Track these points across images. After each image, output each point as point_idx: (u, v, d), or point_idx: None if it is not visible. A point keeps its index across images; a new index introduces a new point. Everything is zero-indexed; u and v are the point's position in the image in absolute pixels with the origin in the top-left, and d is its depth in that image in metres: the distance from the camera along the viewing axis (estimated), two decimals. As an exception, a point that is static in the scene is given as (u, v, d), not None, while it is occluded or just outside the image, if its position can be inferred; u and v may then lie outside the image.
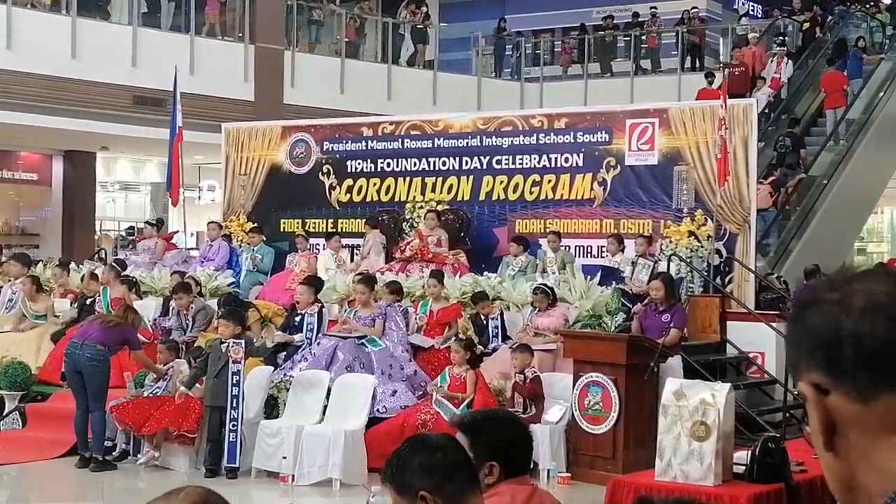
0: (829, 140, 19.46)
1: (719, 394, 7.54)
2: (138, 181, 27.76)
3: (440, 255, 13.95)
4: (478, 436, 3.46)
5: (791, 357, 1.49)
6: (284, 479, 10.37)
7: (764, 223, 16.51)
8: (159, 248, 15.99)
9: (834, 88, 19.95)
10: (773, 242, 17.42)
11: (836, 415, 1.41)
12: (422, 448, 3.00)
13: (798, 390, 1.46)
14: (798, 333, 1.46)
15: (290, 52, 22.48)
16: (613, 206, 14.17)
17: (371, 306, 12.09)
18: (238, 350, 10.66)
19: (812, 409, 1.44)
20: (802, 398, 1.47)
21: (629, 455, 10.12)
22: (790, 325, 1.50)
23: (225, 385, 10.62)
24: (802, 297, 1.51)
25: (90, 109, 19.80)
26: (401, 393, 11.18)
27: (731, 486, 7.42)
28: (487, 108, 21.48)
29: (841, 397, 1.40)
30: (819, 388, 1.42)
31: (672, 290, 11.71)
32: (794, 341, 1.47)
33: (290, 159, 16.53)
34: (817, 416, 1.42)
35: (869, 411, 1.38)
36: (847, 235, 20.69)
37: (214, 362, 10.75)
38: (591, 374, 10.45)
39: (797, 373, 1.47)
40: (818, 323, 1.42)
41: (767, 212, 16.77)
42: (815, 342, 1.42)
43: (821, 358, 1.41)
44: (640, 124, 14.07)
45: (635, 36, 25.73)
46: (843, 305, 1.41)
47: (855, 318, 1.39)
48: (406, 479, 2.94)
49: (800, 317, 1.46)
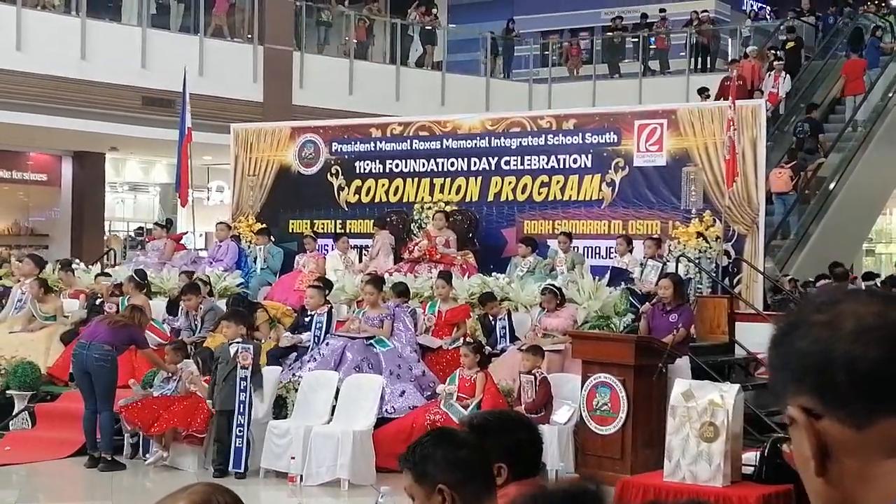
0: (848, 126, 19.79)
1: (728, 395, 7.55)
2: (147, 182, 27.82)
3: (448, 255, 13.95)
4: (486, 437, 3.47)
5: (775, 380, 1.44)
6: (293, 479, 10.36)
7: (784, 206, 17.22)
8: (168, 249, 16.02)
9: (855, 76, 20.27)
10: (794, 223, 17.74)
11: (829, 439, 1.36)
12: (448, 442, 3.00)
13: (787, 414, 1.41)
14: (784, 356, 1.41)
15: (299, 54, 22.51)
16: (622, 207, 14.17)
17: (379, 307, 12.10)
18: (246, 356, 10.69)
19: (801, 434, 1.39)
20: (788, 421, 1.43)
21: (637, 456, 10.11)
22: (773, 348, 1.45)
23: (233, 390, 10.65)
24: (783, 319, 1.46)
25: (99, 110, 19.85)
26: (409, 393, 11.18)
27: (740, 486, 7.43)
28: (496, 109, 21.49)
29: (834, 422, 1.36)
30: (809, 413, 1.38)
31: (680, 291, 11.70)
32: (778, 364, 1.43)
33: (299, 160, 16.55)
34: (808, 442, 1.38)
35: (864, 436, 1.34)
36: (855, 237, 20.68)
37: (223, 367, 10.77)
38: (600, 374, 10.44)
39: (782, 396, 1.42)
40: (806, 346, 1.38)
41: (788, 195, 17.33)
42: (804, 366, 1.38)
43: (811, 383, 1.37)
44: (648, 125, 14.06)
45: (644, 37, 25.73)
46: (833, 328, 1.37)
47: (846, 342, 1.35)
48: (428, 469, 2.95)
49: (785, 339, 1.42)
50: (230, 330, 10.93)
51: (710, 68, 24.66)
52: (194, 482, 5.17)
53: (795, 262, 16.89)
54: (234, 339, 10.83)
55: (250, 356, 10.69)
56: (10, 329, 13.55)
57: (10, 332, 13.46)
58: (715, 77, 22.35)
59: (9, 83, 18.98)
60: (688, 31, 25.39)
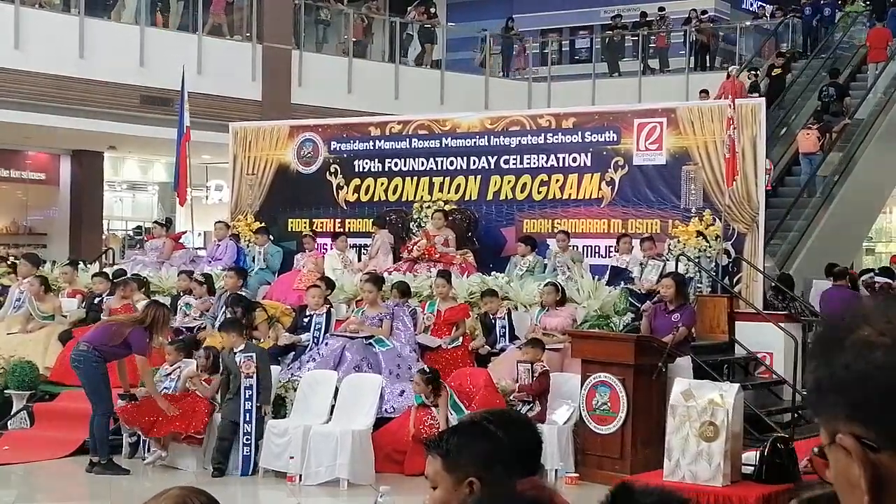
0: (869, 93, 20.39)
1: (728, 394, 7.53)
2: (146, 181, 27.79)
3: (448, 254, 13.93)
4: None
5: (820, 398, 1.31)
6: (292, 478, 10.36)
7: (811, 166, 18.34)
8: (167, 248, 16.00)
9: (879, 45, 20.94)
10: (819, 183, 18.35)
11: (885, 472, 1.26)
12: (486, 436, 2.93)
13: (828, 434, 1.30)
14: (837, 377, 1.29)
15: (298, 52, 22.47)
16: (621, 206, 14.14)
17: (379, 306, 12.08)
18: (249, 364, 10.69)
19: (849, 461, 1.28)
20: (827, 441, 1.32)
21: (637, 455, 10.10)
22: (822, 363, 1.32)
23: (240, 400, 10.69)
24: (833, 329, 1.33)
25: (98, 109, 19.82)
26: (408, 393, 11.15)
27: (740, 486, 7.41)
28: (495, 107, 21.46)
29: (893, 458, 1.25)
30: (864, 443, 1.27)
31: (682, 290, 11.68)
32: (828, 384, 1.30)
33: (298, 159, 16.52)
34: (862, 474, 1.27)
35: None
36: (856, 235, 20.66)
37: (234, 380, 10.75)
38: (599, 374, 10.43)
39: (828, 418, 1.31)
40: (865, 371, 1.25)
41: (815, 156, 18.39)
42: (865, 395, 1.25)
43: (872, 414, 1.25)
44: (648, 124, 14.03)
45: (643, 35, 25.70)
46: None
47: None
48: (462, 460, 2.89)
49: (836, 355, 1.29)
50: (228, 339, 10.92)
51: (709, 67, 24.64)
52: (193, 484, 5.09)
53: (795, 261, 16.86)
54: (233, 347, 10.82)
55: (253, 364, 10.69)
56: (9, 329, 13.51)
57: (8, 332, 13.43)
58: (715, 76, 22.34)
59: (7, 81, 18.96)
60: (687, 29, 25.36)
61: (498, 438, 2.96)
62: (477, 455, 2.89)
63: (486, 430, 2.98)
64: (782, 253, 16.98)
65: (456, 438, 2.94)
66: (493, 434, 2.96)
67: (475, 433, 2.96)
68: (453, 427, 3.05)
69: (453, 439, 2.94)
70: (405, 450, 10.42)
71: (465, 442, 2.92)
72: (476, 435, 2.95)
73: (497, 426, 3.01)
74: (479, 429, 2.99)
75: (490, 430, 2.99)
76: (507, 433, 3.02)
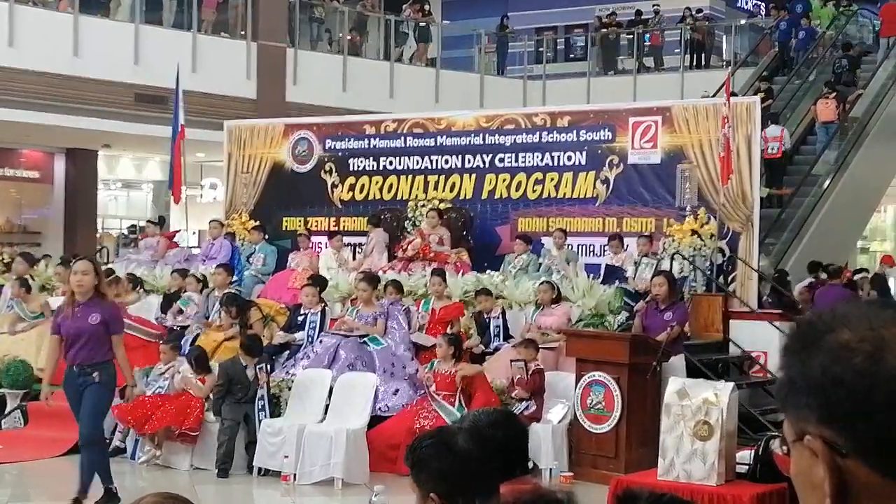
0: (879, 67, 20.85)
1: (722, 393, 7.52)
2: (140, 179, 27.72)
3: (442, 253, 13.92)
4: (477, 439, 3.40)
5: (791, 395, 1.28)
6: (286, 478, 10.35)
7: (826, 134, 18.93)
8: (161, 247, 15.97)
9: (892, 19, 21.33)
10: (833, 155, 18.79)
11: (851, 478, 1.23)
12: (444, 451, 2.96)
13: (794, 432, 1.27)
14: (809, 376, 1.26)
15: (293, 50, 22.45)
16: (616, 205, 14.14)
17: (373, 305, 12.07)
18: (263, 376, 10.77)
19: (814, 463, 1.26)
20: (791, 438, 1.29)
21: (631, 454, 10.10)
22: (795, 360, 1.29)
23: (248, 407, 10.79)
24: (810, 326, 1.30)
25: (92, 107, 19.78)
26: (403, 392, 11.16)
27: (734, 485, 7.41)
28: (490, 105, 21.44)
29: (861, 465, 1.23)
30: (833, 447, 1.24)
31: (674, 288, 11.68)
32: (801, 383, 1.27)
33: (293, 157, 16.49)
34: (828, 479, 1.24)
35: (894, 486, 1.22)
36: (850, 234, 20.68)
37: (238, 389, 10.77)
38: (594, 373, 10.43)
39: (797, 416, 1.28)
40: (842, 375, 1.23)
41: (832, 124, 18.98)
42: (838, 399, 1.23)
43: (845, 421, 1.23)
44: (643, 122, 14.03)
45: (638, 34, 25.68)
46: (876, 362, 1.22)
47: (892, 384, 1.20)
48: (422, 477, 2.94)
49: (812, 354, 1.26)
50: (244, 358, 10.96)
51: (704, 65, 24.63)
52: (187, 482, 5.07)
53: (790, 259, 16.86)
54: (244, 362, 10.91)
55: (266, 375, 10.81)
56: (1, 328, 13.49)
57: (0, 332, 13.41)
58: (710, 74, 22.32)
59: (1, 79, 18.91)
60: (682, 27, 25.35)
61: (459, 451, 2.96)
62: (435, 471, 2.93)
63: (449, 445, 2.99)
64: (777, 252, 16.98)
65: (417, 453, 2.97)
66: (457, 448, 2.97)
67: (435, 449, 2.98)
68: (418, 439, 3.06)
69: (415, 454, 2.97)
70: (400, 449, 10.41)
71: (426, 458, 2.95)
72: (435, 451, 2.97)
73: (467, 435, 3.02)
74: (441, 443, 3.00)
75: (453, 444, 3.00)
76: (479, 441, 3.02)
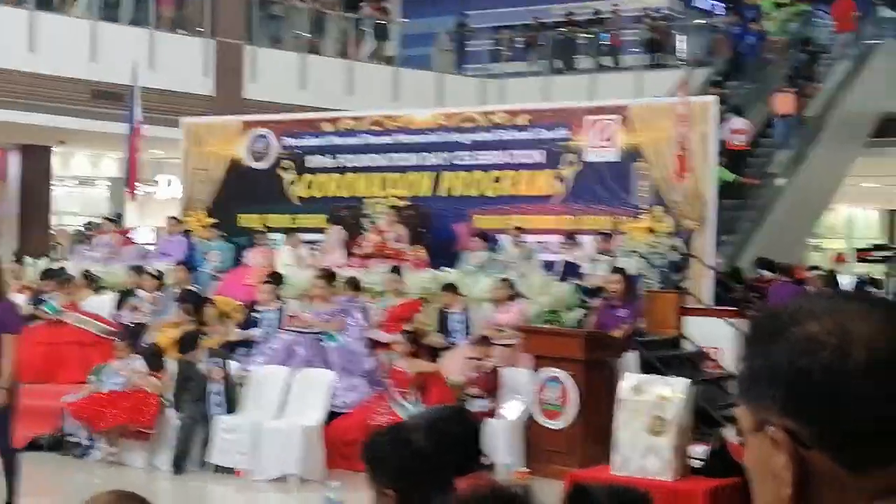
0: (836, 65, 20.93)
1: (677, 389, 7.59)
2: (96, 176, 27.50)
3: (400, 250, 13.93)
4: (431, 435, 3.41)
5: (752, 385, 1.28)
6: (242, 474, 10.32)
7: (786, 127, 19.13)
8: (117, 244, 15.85)
9: (844, 16, 21.57)
10: (794, 144, 19.03)
11: (813, 469, 1.23)
12: (399, 447, 2.97)
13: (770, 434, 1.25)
14: (772, 367, 1.25)
15: (251, 47, 22.34)
16: (573, 203, 14.20)
17: (330, 302, 12.06)
18: (219, 371, 10.71)
19: (775, 454, 1.25)
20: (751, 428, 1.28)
21: (587, 450, 10.15)
22: (758, 350, 1.28)
23: (203, 405, 10.68)
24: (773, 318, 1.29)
25: (47, 103, 19.58)
26: (359, 388, 11.16)
27: (689, 480, 7.47)
28: (448, 104, 21.44)
29: (824, 457, 1.22)
30: (795, 438, 1.23)
31: (629, 286, 11.76)
32: (763, 373, 1.26)
33: (250, 154, 16.44)
34: (789, 469, 1.23)
35: (855, 478, 1.22)
36: (803, 232, 20.89)
37: (193, 386, 10.73)
38: (550, 369, 10.48)
39: (757, 407, 1.27)
40: (808, 368, 1.22)
41: (791, 117, 19.16)
42: (804, 392, 1.22)
43: (808, 413, 1.22)
44: (600, 121, 14.11)
45: (596, 33, 25.75)
46: (842, 354, 1.22)
47: (857, 378, 1.20)
48: (378, 474, 2.95)
49: (775, 347, 1.26)
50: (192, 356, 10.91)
51: (662, 65, 24.74)
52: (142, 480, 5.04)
53: (743, 257, 17.01)
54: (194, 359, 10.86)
55: (221, 371, 10.72)
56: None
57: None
58: (667, 74, 22.42)
59: (-46, 75, 18.72)
60: (640, 27, 25.43)
61: (414, 447, 2.98)
62: (391, 468, 2.94)
63: (405, 441, 3.01)
64: (731, 249, 17.11)
65: (372, 450, 2.98)
66: (412, 444, 2.99)
67: (390, 445, 2.99)
68: (373, 436, 3.07)
69: (370, 451, 2.99)
70: (356, 445, 10.40)
71: (382, 454, 2.97)
72: (391, 448, 2.98)
73: (422, 432, 3.03)
74: (397, 440, 3.01)
75: (409, 441, 3.01)
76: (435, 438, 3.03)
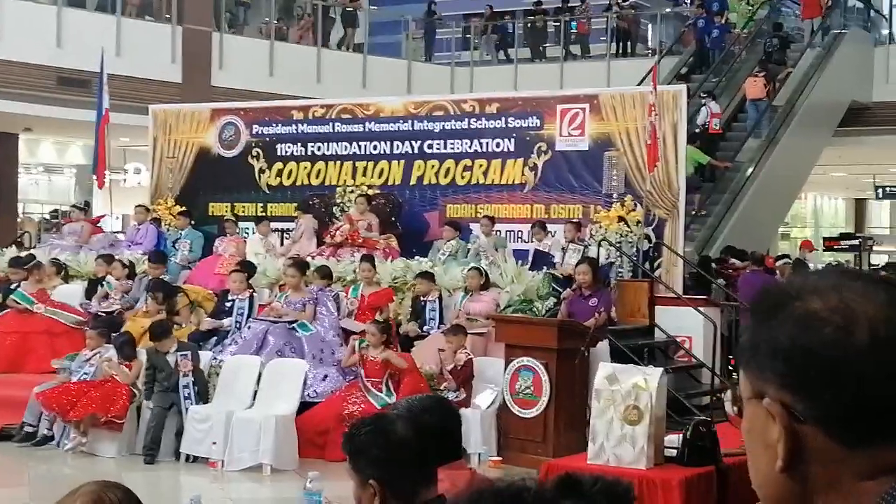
0: (808, 48, 21.31)
1: (651, 378, 7.61)
2: (62, 163, 27.33)
3: (371, 239, 13.90)
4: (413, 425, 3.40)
5: (752, 358, 1.29)
6: (214, 464, 10.29)
7: (757, 112, 19.34)
8: (85, 232, 15.74)
9: (810, 1, 21.84)
10: (764, 126, 19.29)
11: (808, 444, 1.25)
12: (383, 437, 2.95)
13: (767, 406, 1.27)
14: (774, 341, 1.27)
15: (219, 34, 22.22)
16: (544, 192, 14.22)
17: (302, 291, 12.03)
18: (187, 363, 10.67)
19: (770, 425, 1.27)
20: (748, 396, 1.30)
21: (560, 439, 10.19)
22: (762, 322, 1.29)
23: (174, 395, 10.66)
24: (777, 292, 1.31)
25: (13, 90, 19.42)
26: (332, 377, 11.14)
27: (663, 469, 7.49)
28: (418, 92, 21.41)
29: (819, 432, 1.24)
30: (792, 412, 1.25)
31: (598, 275, 11.79)
32: (765, 347, 1.28)
33: (220, 142, 16.36)
34: (783, 442, 1.26)
35: (849, 455, 1.24)
36: (773, 221, 21.03)
37: (164, 377, 10.68)
38: (523, 358, 10.50)
39: (757, 378, 1.29)
40: (809, 345, 1.24)
41: (761, 101, 19.41)
42: (803, 369, 1.24)
43: (807, 389, 1.24)
44: (570, 110, 14.12)
45: (565, 21, 25.78)
46: (845, 332, 1.23)
47: (859, 356, 1.22)
48: (360, 463, 2.93)
49: (778, 321, 1.27)
50: (161, 345, 10.84)
51: (631, 53, 24.80)
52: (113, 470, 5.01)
53: (714, 246, 17.11)
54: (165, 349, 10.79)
55: (190, 363, 10.68)
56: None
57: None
58: (636, 62, 22.48)
59: (-82, 61, 18.51)
60: (608, 15, 25.48)
61: (398, 438, 2.96)
62: (375, 458, 2.92)
63: (387, 432, 2.99)
64: (701, 238, 17.22)
65: (355, 441, 2.97)
66: (395, 435, 2.97)
67: (374, 435, 2.97)
68: (356, 425, 3.05)
69: (353, 442, 2.97)
70: (329, 434, 10.39)
71: (363, 446, 2.95)
72: (374, 437, 2.96)
73: (404, 422, 3.02)
74: (379, 430, 2.99)
75: (391, 431, 2.99)
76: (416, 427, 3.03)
